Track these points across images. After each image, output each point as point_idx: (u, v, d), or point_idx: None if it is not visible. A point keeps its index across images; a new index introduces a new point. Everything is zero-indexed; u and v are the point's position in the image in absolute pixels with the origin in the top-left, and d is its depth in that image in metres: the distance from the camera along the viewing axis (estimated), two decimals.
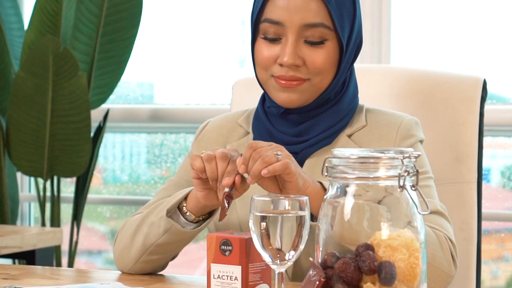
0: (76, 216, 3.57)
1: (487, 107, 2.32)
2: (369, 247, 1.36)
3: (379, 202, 1.37)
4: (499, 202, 3.60)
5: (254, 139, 1.97)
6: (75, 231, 3.58)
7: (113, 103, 3.93)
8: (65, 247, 3.63)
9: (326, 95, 1.90)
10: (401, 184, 1.36)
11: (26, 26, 3.72)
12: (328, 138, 1.91)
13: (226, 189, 1.66)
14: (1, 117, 3.50)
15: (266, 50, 1.87)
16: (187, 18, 4.00)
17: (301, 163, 1.90)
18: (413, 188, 1.37)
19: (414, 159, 1.38)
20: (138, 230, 1.87)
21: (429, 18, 3.50)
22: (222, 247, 1.57)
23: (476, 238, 2.23)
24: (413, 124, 1.95)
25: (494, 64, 3.48)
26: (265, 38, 1.87)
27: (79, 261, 4.04)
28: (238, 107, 2.43)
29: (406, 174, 1.36)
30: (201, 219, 1.82)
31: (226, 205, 1.65)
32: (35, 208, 4.22)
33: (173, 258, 1.93)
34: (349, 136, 1.93)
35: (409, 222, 1.37)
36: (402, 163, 1.36)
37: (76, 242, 3.57)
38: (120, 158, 4.24)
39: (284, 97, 1.87)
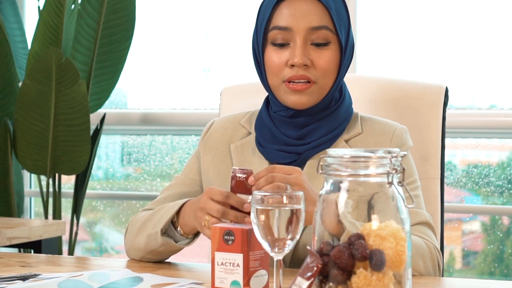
0: (76, 210, 3.56)
1: (448, 111, 2.34)
2: (360, 237, 1.37)
3: (370, 197, 1.38)
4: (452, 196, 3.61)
5: (256, 138, 1.98)
6: (74, 223, 3.57)
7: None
8: (64, 237, 3.61)
9: (329, 97, 1.92)
10: (390, 180, 1.37)
11: (28, 39, 3.71)
12: (327, 142, 1.92)
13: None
14: (9, 120, 3.48)
15: (276, 56, 1.88)
16: (160, 32, 3.99)
17: (303, 163, 1.91)
18: (399, 184, 1.38)
19: (401, 158, 1.38)
20: (139, 234, 1.92)
21: (394, 28, 3.51)
22: (225, 237, 1.57)
23: (440, 228, 2.24)
24: (403, 133, 1.97)
25: (454, 73, 3.50)
26: (274, 44, 1.88)
27: (66, 251, 4.01)
28: (226, 111, 2.43)
29: (394, 171, 1.37)
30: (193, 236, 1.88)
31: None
32: (35, 202, 4.20)
33: None
34: (346, 141, 1.94)
35: (396, 214, 1.38)
36: (390, 161, 1.37)
37: (76, 233, 3.55)
38: (113, 157, 4.22)
39: (295, 99, 1.88)
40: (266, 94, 2.06)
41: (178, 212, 1.85)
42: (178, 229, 1.85)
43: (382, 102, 2.31)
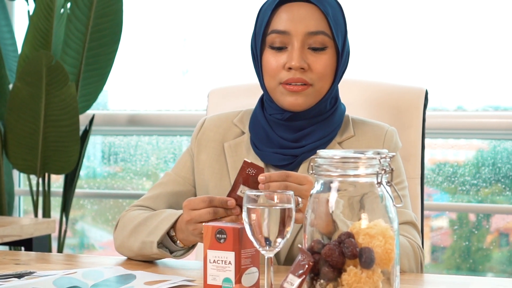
0: (65, 208, 3.53)
1: (427, 113, 2.34)
2: (350, 235, 1.36)
3: (359, 196, 1.37)
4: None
5: (251, 139, 1.96)
6: (63, 221, 3.54)
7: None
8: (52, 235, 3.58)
9: (325, 100, 1.90)
10: (379, 180, 1.36)
11: (18, 42, 3.68)
12: (322, 145, 1.91)
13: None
14: (0, 122, 3.45)
15: (273, 59, 1.86)
16: (140, 36, 3.98)
17: (298, 165, 1.90)
18: (388, 184, 1.38)
19: (389, 159, 1.38)
20: (132, 236, 1.88)
21: (376, 33, 3.52)
22: (218, 235, 1.56)
23: (420, 225, 2.24)
24: (394, 136, 1.97)
25: (434, 76, 3.52)
26: (272, 48, 1.87)
27: (54, 248, 3.98)
28: (213, 113, 2.42)
29: (383, 172, 1.36)
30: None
31: None
32: (24, 201, 4.17)
33: None
34: (339, 143, 1.93)
35: (385, 213, 1.38)
36: (380, 162, 1.36)
37: (65, 231, 3.53)
38: (100, 156, 4.20)
39: (291, 101, 1.86)
40: (254, 96, 2.04)
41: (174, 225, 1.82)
42: (178, 242, 1.81)
43: (366, 104, 2.30)
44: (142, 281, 1.67)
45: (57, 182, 4.09)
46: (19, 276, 1.72)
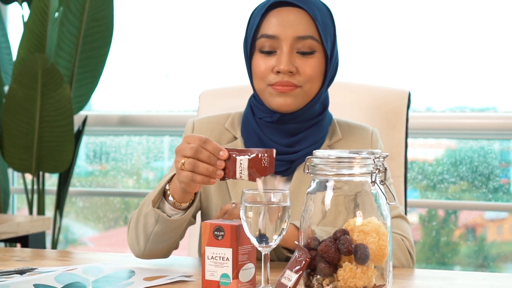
0: (59, 206, 3.50)
1: (410, 114, 2.34)
2: (345, 232, 1.36)
3: (354, 195, 1.37)
4: None
5: (245, 145, 1.91)
6: (57, 219, 3.51)
7: None
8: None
9: (314, 103, 1.87)
10: (373, 179, 1.36)
11: (11, 45, 3.65)
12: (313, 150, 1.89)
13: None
14: None
15: (263, 62, 1.83)
16: (124, 40, 3.97)
17: (293, 171, 1.88)
18: (381, 183, 1.37)
19: (383, 159, 1.38)
20: (138, 222, 1.77)
21: (361, 37, 3.53)
22: (215, 232, 1.55)
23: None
24: (378, 136, 1.96)
25: (417, 78, 3.54)
26: (262, 52, 1.84)
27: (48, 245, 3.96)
28: (204, 113, 2.41)
29: (377, 171, 1.36)
30: (184, 208, 1.72)
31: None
32: (17, 199, 4.14)
33: (175, 247, 1.85)
34: (329, 146, 1.91)
35: (378, 211, 1.38)
36: (374, 162, 1.36)
37: (59, 228, 3.50)
38: (92, 156, 4.18)
39: (280, 101, 1.83)
40: (245, 97, 2.02)
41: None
42: (169, 197, 1.70)
43: (352, 105, 2.31)
44: (141, 276, 1.66)
45: (49, 180, 4.06)
46: (21, 272, 1.70)
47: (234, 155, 1.57)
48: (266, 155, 1.55)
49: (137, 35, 3.96)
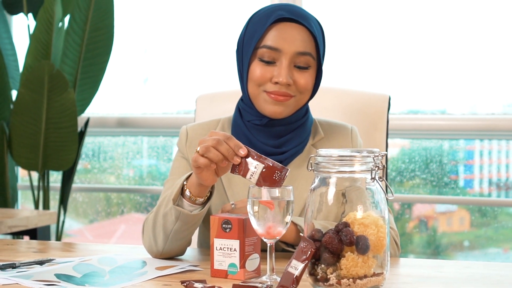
0: (63, 201, 3.47)
1: (390, 116, 2.34)
2: (347, 225, 1.35)
3: (355, 190, 1.36)
4: None
5: None
6: (61, 213, 3.48)
7: None
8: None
9: (302, 110, 1.86)
10: (373, 176, 1.35)
11: (18, 52, 3.62)
12: (300, 150, 1.86)
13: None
14: (4, 123, 3.38)
15: (261, 70, 1.80)
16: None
17: None
18: (380, 179, 1.37)
19: (381, 157, 1.37)
20: (156, 223, 1.71)
21: (346, 42, 3.54)
22: (223, 225, 1.53)
23: None
24: (357, 133, 1.95)
25: (397, 82, 3.55)
26: (261, 60, 1.80)
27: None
28: (200, 117, 2.39)
29: (376, 168, 1.35)
30: (200, 202, 1.66)
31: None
32: (22, 195, 4.10)
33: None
34: (313, 145, 1.90)
35: (377, 205, 1.37)
36: (373, 160, 1.36)
37: (63, 222, 3.47)
38: (91, 155, 4.14)
39: (274, 109, 1.81)
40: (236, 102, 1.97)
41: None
42: (186, 191, 1.65)
43: (336, 108, 2.30)
44: (153, 266, 1.64)
45: (52, 177, 4.02)
46: (41, 263, 1.68)
47: (252, 158, 1.52)
48: (279, 171, 1.48)
49: (120, 43, 3.93)
